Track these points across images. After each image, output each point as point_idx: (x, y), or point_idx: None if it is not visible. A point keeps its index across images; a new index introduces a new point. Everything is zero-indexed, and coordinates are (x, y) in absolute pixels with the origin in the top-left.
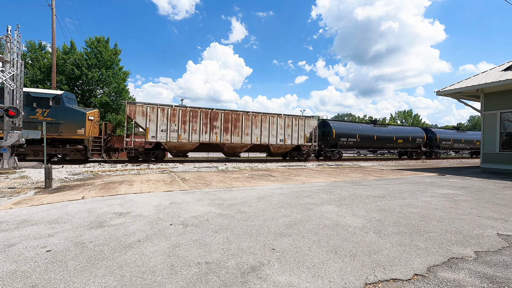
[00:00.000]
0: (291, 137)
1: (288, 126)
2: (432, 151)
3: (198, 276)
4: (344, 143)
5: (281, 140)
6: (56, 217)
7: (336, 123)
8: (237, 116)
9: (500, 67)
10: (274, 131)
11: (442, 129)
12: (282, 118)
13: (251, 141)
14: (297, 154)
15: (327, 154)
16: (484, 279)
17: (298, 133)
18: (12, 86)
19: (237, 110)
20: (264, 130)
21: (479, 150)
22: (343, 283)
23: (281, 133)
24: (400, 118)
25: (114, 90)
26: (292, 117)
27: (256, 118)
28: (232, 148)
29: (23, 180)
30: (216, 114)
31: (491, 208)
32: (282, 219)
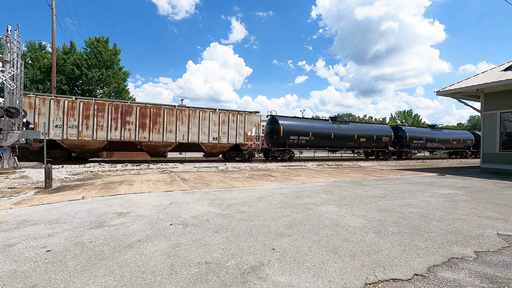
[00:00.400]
0: (228, 135)
1: (223, 123)
2: (401, 151)
3: (198, 276)
4: (294, 142)
5: (215, 138)
6: (56, 217)
7: (287, 119)
8: (158, 111)
9: (500, 67)
10: (206, 128)
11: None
12: (216, 113)
13: (175, 139)
14: (237, 154)
15: (275, 154)
16: (484, 279)
17: (236, 131)
18: (12, 86)
19: (159, 104)
20: (193, 127)
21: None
22: (343, 283)
23: (215, 131)
24: (400, 118)
25: (114, 90)
26: (229, 112)
27: (183, 113)
28: (152, 147)
29: (23, 180)
30: (129, 108)
31: (491, 208)
32: (282, 219)
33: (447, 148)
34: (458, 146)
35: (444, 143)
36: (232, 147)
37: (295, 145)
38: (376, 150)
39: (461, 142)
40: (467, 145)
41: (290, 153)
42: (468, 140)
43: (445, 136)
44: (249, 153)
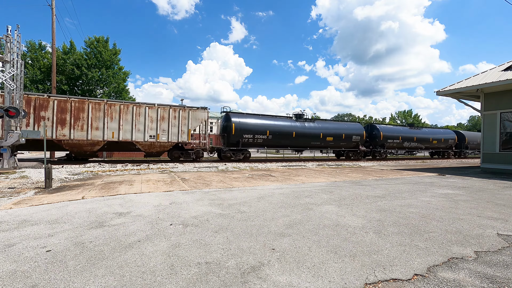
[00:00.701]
0: (169, 133)
1: (162, 119)
2: (374, 150)
3: (198, 276)
4: (249, 140)
5: (152, 136)
6: (56, 217)
7: (241, 116)
8: (81, 105)
9: (500, 67)
10: (141, 125)
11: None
12: (153, 109)
13: (103, 137)
14: (181, 154)
15: (226, 154)
16: (484, 279)
17: (178, 128)
18: (12, 86)
19: (82, 98)
20: (125, 123)
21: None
22: (343, 283)
23: (152, 128)
24: (400, 118)
25: (114, 90)
26: (169, 108)
27: (112, 108)
28: (75, 146)
29: (23, 180)
30: (45, 102)
31: (491, 208)
32: (282, 219)
33: (427, 148)
34: (440, 146)
35: (423, 143)
36: (175, 146)
37: (250, 144)
38: (346, 150)
39: (442, 141)
40: (449, 144)
41: (245, 153)
42: (450, 140)
43: (425, 135)
44: (196, 153)
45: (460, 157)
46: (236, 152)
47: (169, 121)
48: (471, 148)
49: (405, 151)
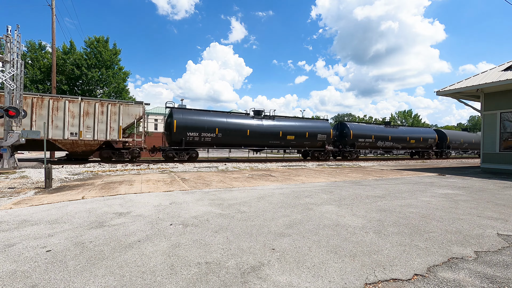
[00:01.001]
0: (94, 130)
1: (87, 115)
2: (343, 150)
3: (198, 276)
4: (194, 139)
5: (74, 133)
6: (56, 217)
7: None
8: None
9: (500, 67)
10: (60, 121)
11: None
12: (75, 102)
13: None
14: (113, 154)
15: (169, 154)
16: (484, 279)
17: (107, 125)
18: (12, 86)
19: None
20: (38, 119)
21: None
22: (343, 283)
23: (74, 124)
24: (400, 118)
25: (114, 90)
26: (94, 102)
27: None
28: None
29: (23, 180)
30: None
31: (491, 208)
32: (282, 219)
33: (404, 147)
34: (418, 145)
35: (399, 142)
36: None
37: (197, 143)
38: (312, 150)
39: (421, 141)
40: (429, 144)
41: (190, 153)
42: (429, 139)
43: (402, 134)
44: (131, 153)
45: (442, 157)
46: (180, 151)
47: (95, 116)
48: (453, 148)
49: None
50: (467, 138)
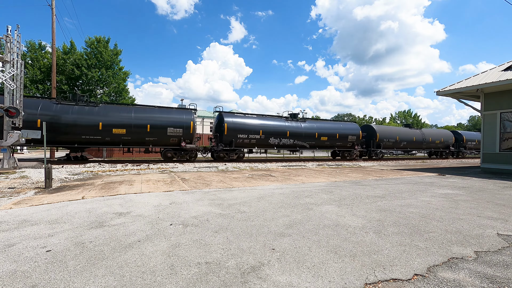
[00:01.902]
0: None
1: None
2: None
3: (198, 276)
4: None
5: None
6: (56, 217)
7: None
8: None
9: (500, 67)
10: None
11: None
12: None
13: None
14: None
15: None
16: (484, 279)
17: None
18: (12, 86)
19: None
20: None
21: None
22: (343, 283)
23: None
24: (400, 118)
25: (114, 90)
26: None
27: None
28: None
29: (23, 180)
30: None
31: (491, 208)
32: (282, 219)
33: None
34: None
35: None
36: None
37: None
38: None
39: (441, 141)
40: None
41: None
42: (448, 140)
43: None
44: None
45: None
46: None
47: None
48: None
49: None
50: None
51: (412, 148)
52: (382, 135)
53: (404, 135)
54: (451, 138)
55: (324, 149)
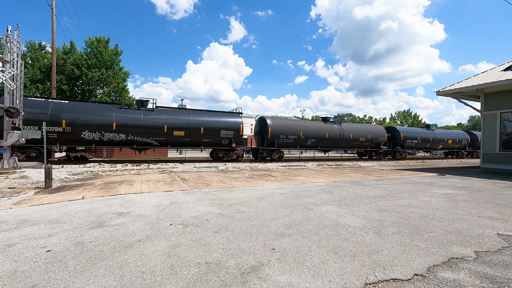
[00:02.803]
0: None
1: None
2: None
3: (198, 276)
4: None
5: None
6: (56, 217)
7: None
8: None
9: (500, 67)
10: None
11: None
12: None
13: None
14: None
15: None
16: (484, 279)
17: None
18: (12, 86)
19: None
20: None
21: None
22: (343, 283)
23: None
24: (400, 119)
25: (114, 90)
26: None
27: None
28: None
29: (23, 180)
30: None
31: (491, 208)
32: (282, 219)
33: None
34: (454, 146)
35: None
36: None
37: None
38: (370, 150)
39: (457, 142)
40: (463, 145)
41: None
42: (463, 140)
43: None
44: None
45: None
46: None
47: None
48: None
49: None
50: None
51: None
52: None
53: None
54: (466, 138)
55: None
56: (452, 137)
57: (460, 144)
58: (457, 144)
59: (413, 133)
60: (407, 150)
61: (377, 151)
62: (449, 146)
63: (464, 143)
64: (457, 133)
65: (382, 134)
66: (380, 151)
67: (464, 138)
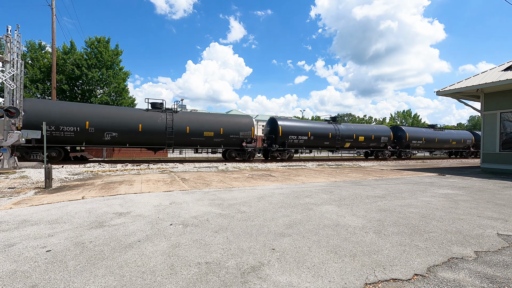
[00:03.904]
0: None
1: None
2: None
3: (198, 276)
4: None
5: None
6: (56, 217)
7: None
8: None
9: (500, 67)
10: None
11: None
12: None
13: None
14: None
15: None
16: (484, 279)
17: None
18: (12, 86)
19: None
20: None
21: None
22: (343, 283)
23: None
24: (399, 119)
25: (114, 90)
26: None
27: None
28: None
29: (23, 180)
30: None
31: (491, 208)
32: (282, 219)
33: (447, 148)
34: (458, 146)
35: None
36: None
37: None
38: (375, 150)
39: (461, 142)
40: (467, 145)
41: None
42: (468, 140)
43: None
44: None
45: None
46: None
47: None
48: None
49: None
50: None
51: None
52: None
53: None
54: (470, 138)
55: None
56: (456, 137)
57: (465, 144)
58: (461, 144)
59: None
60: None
61: (383, 151)
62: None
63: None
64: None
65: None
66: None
67: (469, 138)
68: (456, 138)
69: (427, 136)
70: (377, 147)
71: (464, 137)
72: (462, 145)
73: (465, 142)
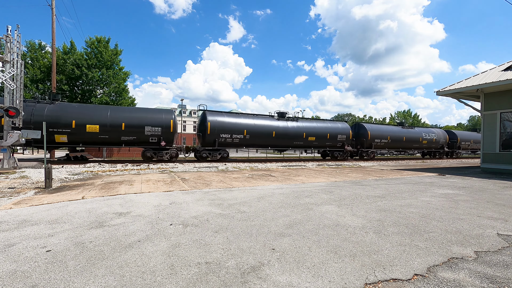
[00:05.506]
0: None
1: None
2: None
3: (198, 276)
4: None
5: None
6: (56, 217)
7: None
8: None
9: (500, 67)
10: None
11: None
12: None
13: None
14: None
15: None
16: (484, 279)
17: None
18: (12, 86)
19: None
20: None
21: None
22: (343, 283)
23: None
24: (399, 118)
25: (114, 90)
26: None
27: None
28: None
29: (23, 180)
30: None
31: (491, 208)
32: (282, 219)
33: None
34: (430, 146)
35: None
36: None
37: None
38: (332, 150)
39: (433, 141)
40: (440, 144)
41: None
42: (441, 140)
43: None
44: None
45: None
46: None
47: None
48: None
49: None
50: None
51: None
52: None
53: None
54: (444, 137)
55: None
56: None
57: (438, 144)
58: (434, 144)
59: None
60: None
61: (342, 151)
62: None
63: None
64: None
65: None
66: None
67: (442, 137)
68: (428, 137)
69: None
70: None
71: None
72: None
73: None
